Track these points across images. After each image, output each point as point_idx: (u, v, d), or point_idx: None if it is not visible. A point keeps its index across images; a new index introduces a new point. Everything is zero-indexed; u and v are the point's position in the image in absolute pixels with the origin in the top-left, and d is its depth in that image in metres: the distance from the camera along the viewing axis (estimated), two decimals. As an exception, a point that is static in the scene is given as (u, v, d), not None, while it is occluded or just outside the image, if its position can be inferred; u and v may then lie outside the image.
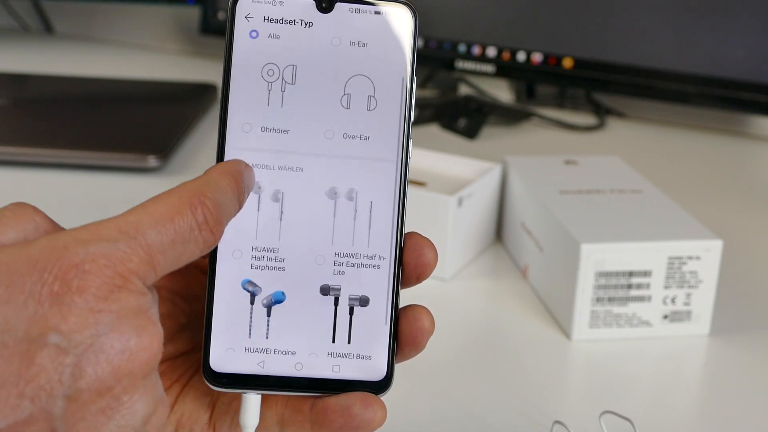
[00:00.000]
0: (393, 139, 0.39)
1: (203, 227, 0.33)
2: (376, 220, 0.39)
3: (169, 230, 0.33)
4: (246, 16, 0.38)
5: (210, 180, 0.35)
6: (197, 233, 0.33)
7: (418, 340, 0.39)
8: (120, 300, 0.31)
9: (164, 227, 0.32)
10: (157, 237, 0.32)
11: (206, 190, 0.34)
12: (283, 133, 0.38)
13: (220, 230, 0.34)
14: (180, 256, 0.33)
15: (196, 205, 0.33)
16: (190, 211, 0.33)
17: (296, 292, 0.38)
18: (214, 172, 0.36)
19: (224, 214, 0.35)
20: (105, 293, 0.30)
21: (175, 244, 0.33)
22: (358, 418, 0.37)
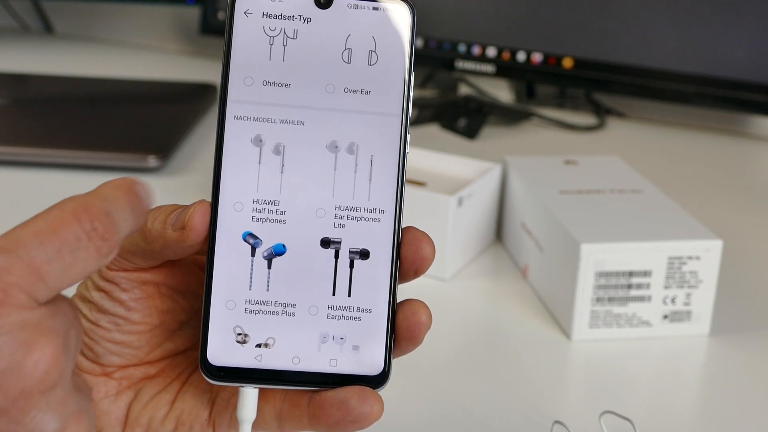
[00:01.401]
0: (394, 93, 0.39)
1: (92, 235, 0.31)
2: (377, 173, 0.39)
3: (53, 241, 0.30)
4: (245, 12, 0.38)
5: (96, 192, 0.33)
6: (86, 242, 0.31)
7: (416, 334, 0.39)
8: (2, 316, 0.29)
9: (46, 238, 0.30)
10: (40, 248, 0.30)
11: (91, 200, 0.32)
12: (284, 86, 0.38)
13: (113, 238, 0.32)
14: (71, 266, 0.31)
15: (80, 215, 0.31)
16: (75, 221, 0.31)
17: (297, 244, 0.38)
18: (101, 186, 0.33)
19: (116, 224, 0.32)
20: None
21: (61, 254, 0.30)
22: (355, 412, 0.37)
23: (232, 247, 0.38)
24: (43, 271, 0.30)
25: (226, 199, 0.38)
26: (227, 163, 0.38)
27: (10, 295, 0.29)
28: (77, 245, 0.31)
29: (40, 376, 0.29)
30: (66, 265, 0.31)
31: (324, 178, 0.39)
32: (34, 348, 0.29)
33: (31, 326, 0.29)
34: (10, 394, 0.29)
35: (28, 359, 0.29)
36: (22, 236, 0.30)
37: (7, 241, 0.30)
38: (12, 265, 0.29)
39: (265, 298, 0.38)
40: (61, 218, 0.31)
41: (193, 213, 0.37)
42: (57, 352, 0.30)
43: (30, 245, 0.30)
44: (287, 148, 0.38)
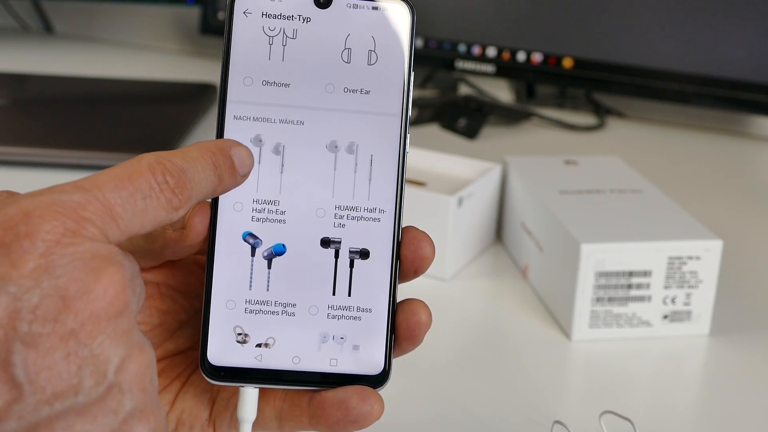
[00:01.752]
0: (394, 93, 0.39)
1: (164, 186, 0.33)
2: (377, 173, 0.39)
3: (127, 186, 0.32)
4: (245, 12, 0.38)
5: (180, 150, 0.35)
6: (158, 191, 0.33)
7: (416, 334, 0.39)
8: (74, 244, 0.30)
9: (122, 183, 0.32)
10: (115, 191, 0.32)
11: (169, 155, 0.34)
12: (283, 86, 0.38)
13: (185, 193, 0.34)
14: (143, 212, 0.32)
15: (154, 166, 0.33)
16: (150, 172, 0.33)
17: (297, 244, 0.38)
18: (190, 146, 0.36)
19: (191, 179, 0.34)
20: (56, 237, 0.30)
21: (134, 199, 0.32)
22: (355, 412, 0.37)
23: (232, 247, 0.38)
24: (116, 212, 0.32)
25: (226, 199, 0.38)
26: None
27: (83, 228, 0.30)
28: (149, 193, 0.33)
29: (108, 301, 0.30)
30: (137, 210, 0.32)
31: (324, 178, 0.39)
32: (104, 275, 0.30)
33: (101, 256, 0.31)
34: (80, 317, 0.30)
35: (98, 284, 0.30)
36: (99, 179, 0.32)
37: (85, 182, 0.32)
38: (88, 202, 0.31)
39: (265, 298, 0.38)
40: (138, 168, 0.33)
41: (193, 213, 0.38)
42: (124, 281, 0.31)
43: (105, 187, 0.32)
44: (287, 148, 0.39)
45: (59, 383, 0.29)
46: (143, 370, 0.32)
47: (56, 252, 0.29)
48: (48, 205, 0.30)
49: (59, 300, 0.29)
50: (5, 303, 0.29)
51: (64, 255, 0.30)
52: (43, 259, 0.29)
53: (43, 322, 0.29)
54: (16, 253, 0.29)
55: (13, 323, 0.29)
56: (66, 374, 0.29)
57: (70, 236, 0.30)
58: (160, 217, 0.33)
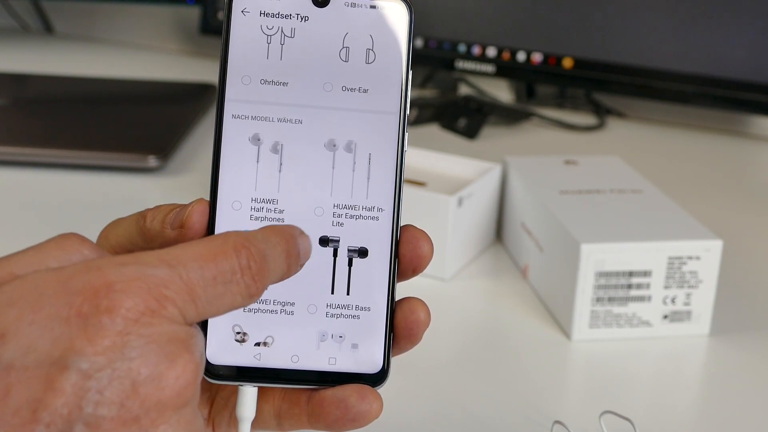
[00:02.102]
0: (392, 92, 0.39)
1: (245, 272, 0.32)
2: (375, 171, 0.39)
3: (211, 267, 0.31)
4: (243, 11, 0.38)
5: (259, 233, 0.34)
6: (239, 276, 0.32)
7: (414, 333, 0.39)
8: (153, 324, 0.29)
9: (206, 263, 0.31)
10: (198, 272, 0.31)
11: (253, 238, 0.33)
12: (282, 85, 0.38)
13: (263, 281, 0.33)
14: (221, 297, 0.32)
15: (240, 249, 0.32)
16: (234, 254, 0.32)
17: None
18: (266, 229, 0.35)
19: (269, 268, 0.33)
20: (136, 315, 0.29)
21: (216, 282, 0.31)
22: (354, 410, 0.37)
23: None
24: (196, 293, 0.31)
25: (224, 198, 0.38)
26: (225, 162, 0.38)
27: (164, 307, 0.30)
28: (231, 278, 0.32)
29: (178, 391, 0.29)
30: (217, 294, 0.31)
31: (322, 177, 0.39)
32: (178, 362, 0.30)
33: (178, 341, 0.30)
34: (147, 404, 0.29)
35: (171, 371, 0.29)
36: (184, 256, 0.31)
37: (170, 256, 0.31)
38: (171, 280, 0.30)
39: (263, 297, 0.38)
40: (224, 248, 0.32)
41: (192, 212, 0.37)
42: (197, 371, 0.30)
43: (190, 266, 0.31)
44: (285, 147, 0.39)
45: None
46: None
47: (134, 332, 0.29)
48: (132, 279, 0.29)
49: (129, 384, 0.29)
50: (74, 380, 0.28)
51: (141, 336, 0.29)
52: (120, 338, 0.28)
53: (110, 406, 0.28)
54: (94, 327, 0.28)
55: (79, 402, 0.28)
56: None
57: (150, 315, 0.29)
58: (236, 303, 0.32)
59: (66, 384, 0.28)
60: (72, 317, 0.28)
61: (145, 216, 0.38)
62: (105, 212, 0.36)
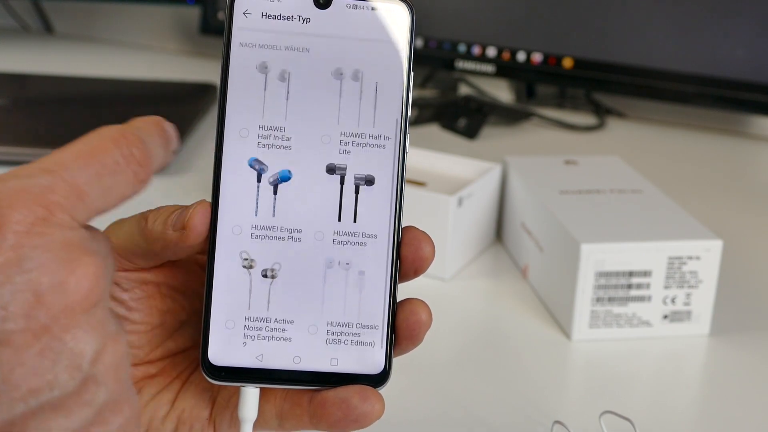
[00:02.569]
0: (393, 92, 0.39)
1: (130, 160, 0.32)
2: (381, 100, 0.39)
3: (93, 163, 0.31)
4: (244, 12, 0.38)
5: (131, 123, 0.34)
6: (124, 166, 0.32)
7: (416, 333, 0.39)
8: (45, 234, 0.29)
9: (88, 160, 0.31)
10: (82, 170, 0.31)
11: (128, 128, 0.33)
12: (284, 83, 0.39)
13: (149, 165, 0.33)
14: (110, 189, 0.32)
15: (118, 139, 0.32)
16: (114, 145, 0.32)
17: (302, 170, 0.38)
18: (134, 120, 0.35)
19: (151, 152, 0.33)
20: (26, 227, 0.29)
21: (101, 176, 0.31)
22: (356, 411, 0.37)
23: (232, 260, 0.38)
24: (83, 191, 0.31)
25: (232, 125, 0.38)
26: (233, 90, 0.38)
27: (53, 214, 0.30)
28: (116, 168, 0.32)
29: (83, 294, 0.29)
30: (105, 187, 0.31)
31: (329, 105, 0.39)
32: (77, 266, 0.29)
33: (73, 245, 0.30)
34: (53, 311, 0.29)
35: (71, 277, 0.29)
36: (64, 158, 0.31)
37: (50, 162, 0.31)
38: (55, 185, 0.30)
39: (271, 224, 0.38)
40: (101, 142, 0.32)
41: (193, 213, 0.37)
42: (99, 271, 0.30)
43: (71, 167, 0.31)
44: (292, 75, 0.39)
45: (34, 379, 0.29)
46: (118, 360, 0.31)
47: (26, 244, 0.29)
48: (15, 192, 0.29)
49: (31, 295, 0.28)
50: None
51: (35, 247, 0.29)
52: (14, 252, 0.28)
53: (16, 319, 0.28)
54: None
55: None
56: (40, 370, 0.29)
57: (41, 225, 0.29)
58: (127, 191, 0.32)
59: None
60: None
61: (146, 217, 0.38)
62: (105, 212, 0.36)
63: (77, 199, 0.30)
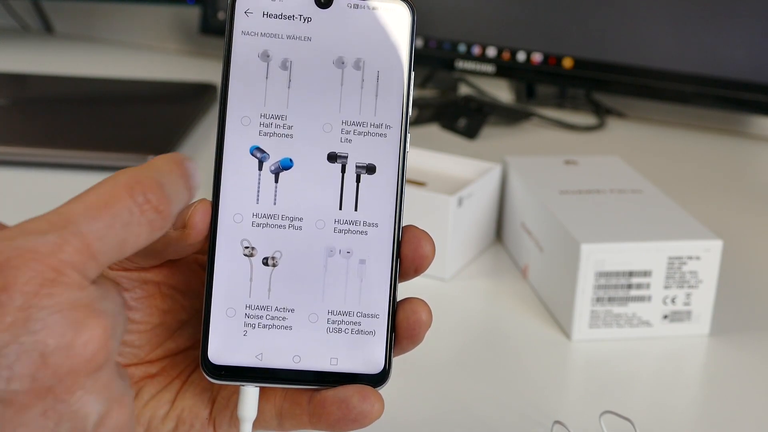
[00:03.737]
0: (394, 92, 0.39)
1: (145, 208, 0.31)
2: (383, 88, 0.39)
3: (104, 216, 0.30)
4: (246, 12, 0.39)
5: (148, 165, 0.33)
6: (138, 216, 0.31)
7: (416, 333, 0.39)
8: (53, 295, 0.29)
9: (98, 212, 0.30)
10: (92, 224, 0.30)
11: (144, 171, 0.32)
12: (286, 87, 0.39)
13: (168, 210, 0.32)
14: (124, 242, 0.31)
15: (133, 187, 0.31)
16: (127, 194, 0.31)
17: (303, 158, 0.39)
18: (154, 160, 0.34)
19: (170, 195, 0.32)
20: (35, 288, 0.28)
21: (113, 228, 0.30)
22: (356, 411, 0.37)
23: (233, 246, 0.38)
24: (94, 248, 0.30)
25: (234, 113, 0.38)
26: (234, 78, 0.38)
27: (62, 274, 0.29)
28: (129, 219, 0.31)
29: (88, 357, 0.29)
30: (118, 240, 0.31)
31: (331, 94, 0.39)
32: (85, 328, 0.29)
33: (82, 306, 0.29)
34: (58, 373, 0.29)
35: (78, 339, 0.29)
36: (74, 211, 0.30)
37: (59, 217, 0.30)
38: (64, 243, 0.29)
39: (272, 212, 0.38)
40: (113, 191, 0.31)
41: (194, 212, 0.37)
42: (106, 334, 0.30)
43: (81, 221, 0.30)
44: (294, 64, 0.39)
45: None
46: (122, 424, 0.31)
47: (34, 305, 0.28)
48: (24, 252, 0.29)
49: (37, 356, 0.28)
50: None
51: (42, 308, 0.28)
52: (21, 313, 0.28)
53: (21, 380, 0.28)
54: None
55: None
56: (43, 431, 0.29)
57: (49, 286, 0.29)
58: (142, 241, 0.32)
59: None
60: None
61: None
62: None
63: (88, 256, 0.30)
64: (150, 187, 0.32)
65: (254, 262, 0.38)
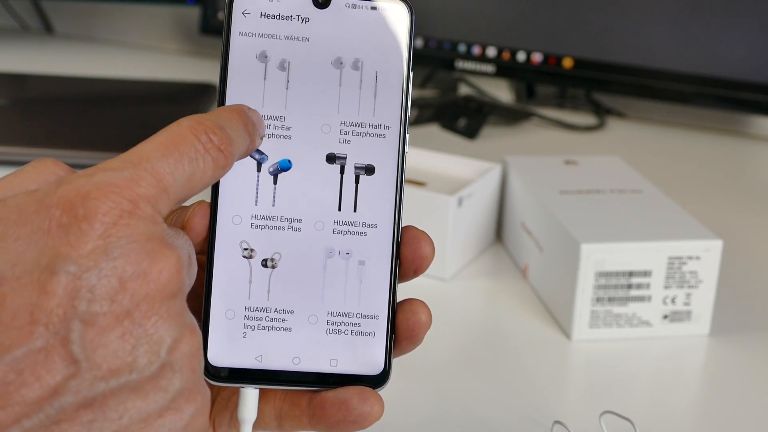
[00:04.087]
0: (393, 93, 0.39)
1: (209, 147, 0.34)
2: (382, 89, 0.39)
3: (173, 153, 0.33)
4: (243, 12, 0.39)
5: (212, 112, 0.36)
6: (203, 153, 0.34)
7: (416, 334, 0.39)
8: (130, 225, 0.31)
9: (168, 150, 0.33)
10: (163, 160, 0.32)
11: (206, 116, 0.35)
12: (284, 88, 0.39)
13: (230, 150, 0.34)
14: (191, 177, 0.33)
15: (196, 128, 0.34)
16: (192, 134, 0.34)
17: (302, 160, 0.39)
18: (217, 109, 0.36)
19: (232, 137, 0.35)
20: (114, 218, 0.30)
21: (182, 164, 0.33)
22: (356, 412, 0.37)
23: (232, 247, 0.38)
24: (166, 182, 0.32)
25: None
26: (232, 80, 0.38)
27: (138, 207, 0.31)
28: (195, 156, 0.33)
29: (163, 283, 0.31)
30: (187, 175, 0.33)
31: (329, 94, 0.39)
32: (159, 257, 0.31)
33: (156, 238, 0.31)
34: (136, 298, 0.30)
35: (153, 267, 0.31)
36: (146, 150, 0.33)
37: (133, 155, 0.33)
38: (139, 177, 0.32)
39: (271, 213, 0.38)
40: (179, 132, 0.34)
41: (193, 214, 0.38)
42: (179, 264, 0.32)
43: (153, 158, 0.32)
44: (292, 65, 0.39)
45: (114, 361, 0.30)
46: (194, 351, 0.32)
47: (113, 234, 0.30)
48: (103, 185, 0.31)
49: (116, 281, 0.30)
50: (65, 282, 0.29)
51: (120, 237, 0.30)
52: (102, 241, 0.30)
53: (101, 302, 0.30)
54: (75, 234, 0.30)
55: (72, 302, 0.29)
56: (121, 352, 0.30)
57: (127, 217, 0.31)
58: (208, 178, 0.34)
59: (58, 287, 0.29)
60: (53, 228, 0.30)
61: None
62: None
63: (160, 190, 0.32)
64: (212, 128, 0.34)
65: (253, 264, 0.38)
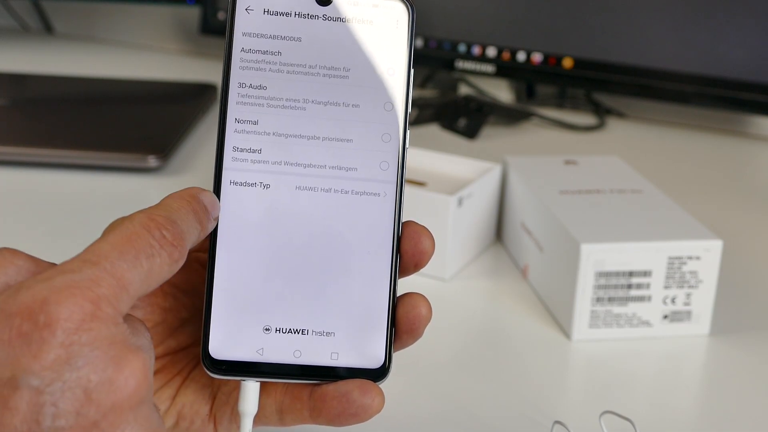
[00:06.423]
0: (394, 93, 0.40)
1: (163, 243, 0.33)
2: (382, 87, 0.40)
3: (130, 250, 0.32)
4: (246, 9, 0.39)
5: (161, 204, 0.35)
6: (158, 248, 0.33)
7: (416, 327, 0.39)
8: (92, 330, 0.30)
9: (124, 248, 0.32)
10: (121, 259, 0.32)
11: (156, 210, 0.34)
12: None
13: (182, 243, 0.34)
14: (149, 273, 0.33)
15: (149, 225, 0.33)
16: (147, 231, 0.33)
17: None
18: (167, 198, 0.36)
19: (183, 230, 0.35)
20: (76, 323, 0.29)
21: (139, 260, 0.32)
22: (356, 405, 0.37)
23: (234, 246, 0.38)
24: (126, 280, 0.32)
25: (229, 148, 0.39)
26: (235, 78, 0.39)
27: (99, 308, 0.30)
28: (151, 252, 0.33)
29: (131, 392, 0.30)
30: (145, 272, 0.32)
31: (329, 92, 0.39)
32: (124, 363, 0.30)
33: (119, 342, 0.31)
34: (102, 408, 0.30)
35: (119, 374, 0.30)
36: (103, 249, 0.32)
37: (90, 255, 0.32)
38: (99, 277, 0.31)
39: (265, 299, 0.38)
40: (133, 230, 0.33)
41: None
42: (145, 369, 0.31)
43: (111, 256, 0.32)
44: (293, 61, 0.39)
45: None
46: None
47: (76, 341, 0.29)
48: (63, 288, 0.30)
49: (81, 392, 0.29)
50: (28, 397, 0.29)
51: (84, 345, 0.29)
52: (63, 350, 0.29)
53: (66, 416, 0.29)
54: (37, 343, 0.29)
55: (36, 417, 0.29)
56: None
57: (89, 320, 0.30)
58: (165, 272, 0.34)
59: (21, 402, 0.29)
60: (14, 338, 0.29)
61: None
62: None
63: (120, 288, 0.31)
64: (163, 224, 0.34)
65: (255, 259, 0.38)
